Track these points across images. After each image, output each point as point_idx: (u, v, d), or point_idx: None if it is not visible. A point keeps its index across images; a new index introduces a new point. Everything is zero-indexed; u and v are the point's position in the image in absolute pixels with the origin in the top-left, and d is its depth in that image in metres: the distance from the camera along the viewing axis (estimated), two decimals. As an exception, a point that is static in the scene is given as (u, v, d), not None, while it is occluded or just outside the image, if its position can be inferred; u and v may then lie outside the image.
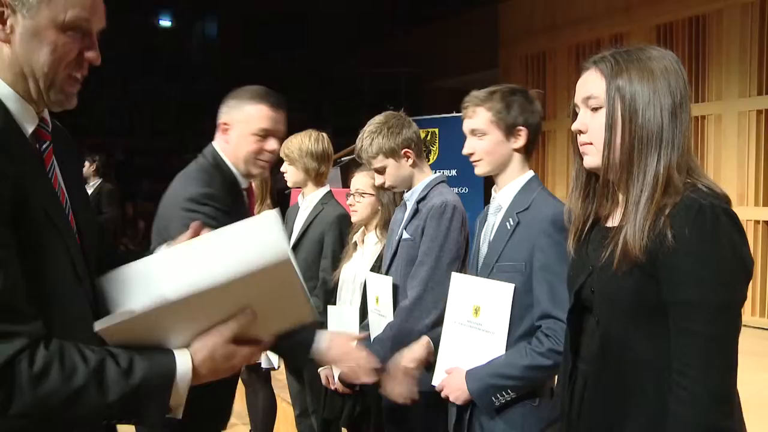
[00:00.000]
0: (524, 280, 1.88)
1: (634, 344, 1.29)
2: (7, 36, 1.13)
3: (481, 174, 2.04)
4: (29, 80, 1.15)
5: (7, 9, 1.12)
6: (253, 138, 2.05)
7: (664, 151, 1.28)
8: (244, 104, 2.06)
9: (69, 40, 1.15)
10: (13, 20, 1.12)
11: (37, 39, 1.13)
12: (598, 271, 1.35)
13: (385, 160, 2.38)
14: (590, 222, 1.44)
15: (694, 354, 1.20)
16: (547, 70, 9.14)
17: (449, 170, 7.29)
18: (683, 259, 1.20)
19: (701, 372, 1.19)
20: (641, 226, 1.25)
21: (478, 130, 2.00)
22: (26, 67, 1.14)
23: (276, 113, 2.07)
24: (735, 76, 6.85)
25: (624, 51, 1.35)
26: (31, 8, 1.12)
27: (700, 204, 1.21)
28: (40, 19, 1.12)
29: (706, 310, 1.20)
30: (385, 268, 2.45)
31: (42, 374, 1.02)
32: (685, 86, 1.32)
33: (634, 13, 7.80)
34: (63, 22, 1.14)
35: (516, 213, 1.94)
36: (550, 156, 8.88)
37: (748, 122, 6.75)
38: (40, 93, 1.16)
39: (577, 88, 1.40)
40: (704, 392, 1.19)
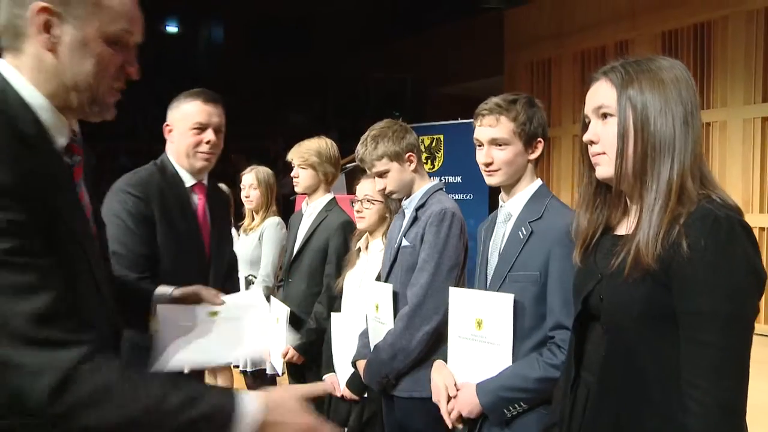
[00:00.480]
0: (538, 290, 1.85)
1: (641, 353, 1.28)
2: (52, 45, 1.12)
3: (495, 184, 1.99)
4: (71, 91, 1.14)
5: (54, 18, 1.11)
6: (190, 132, 2.18)
7: (677, 158, 1.27)
8: (180, 104, 2.22)
9: (113, 52, 1.16)
10: (60, 30, 1.11)
11: (84, 49, 1.13)
12: (608, 279, 1.34)
13: (389, 164, 2.39)
14: (599, 232, 1.43)
15: (705, 365, 1.19)
16: (552, 76, 9.16)
17: (454, 177, 7.29)
18: (698, 268, 1.19)
19: (713, 384, 1.18)
20: (655, 234, 1.24)
21: (500, 139, 1.94)
22: (70, 77, 1.13)
23: (209, 107, 2.20)
24: (740, 83, 6.85)
25: (633, 61, 1.35)
26: (80, 18, 1.12)
27: (715, 215, 1.20)
28: (89, 30, 1.12)
29: (718, 320, 1.18)
30: (385, 276, 2.46)
31: (107, 386, 1.00)
32: (695, 95, 1.32)
33: (639, 20, 7.82)
34: (109, 34, 1.14)
35: (528, 222, 1.91)
36: (555, 162, 8.89)
37: (753, 129, 6.75)
38: (82, 104, 1.16)
39: (587, 98, 1.39)
40: (715, 405, 1.18)
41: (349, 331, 2.68)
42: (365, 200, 2.75)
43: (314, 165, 3.13)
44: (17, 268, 0.97)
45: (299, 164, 3.16)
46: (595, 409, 1.36)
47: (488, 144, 1.96)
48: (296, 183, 3.19)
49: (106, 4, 1.14)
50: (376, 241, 2.80)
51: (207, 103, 2.21)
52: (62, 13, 1.11)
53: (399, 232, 2.44)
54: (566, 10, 8.84)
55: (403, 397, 2.29)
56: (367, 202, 2.74)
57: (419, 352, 2.22)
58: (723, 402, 1.18)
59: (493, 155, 1.95)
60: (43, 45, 1.11)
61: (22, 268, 0.98)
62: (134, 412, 1.01)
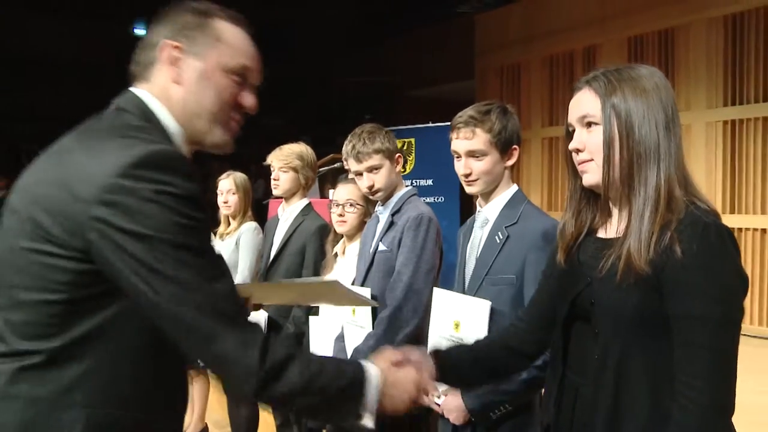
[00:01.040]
0: (515, 292, 1.92)
1: (633, 355, 1.31)
2: (179, 77, 1.26)
3: (475, 192, 2.05)
4: (196, 119, 1.28)
5: (180, 53, 1.25)
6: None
7: (662, 164, 1.31)
8: None
9: (233, 84, 1.29)
10: (185, 63, 1.26)
11: (206, 80, 1.26)
12: (598, 283, 1.36)
13: (383, 160, 2.42)
14: (583, 234, 1.46)
15: (699, 367, 1.22)
16: (521, 80, 9.29)
17: (425, 180, 7.35)
18: (690, 273, 1.23)
19: (707, 384, 1.22)
20: (646, 240, 1.27)
21: (477, 151, 2.00)
22: (194, 105, 1.27)
23: None
24: (703, 87, 7.04)
25: (614, 70, 1.38)
26: (202, 53, 1.26)
27: (704, 221, 1.25)
28: (210, 62, 1.26)
29: (710, 323, 1.22)
30: (360, 280, 2.49)
31: (285, 361, 1.17)
32: (674, 101, 1.36)
33: (607, 26, 7.98)
34: (230, 67, 1.28)
35: (505, 227, 1.98)
36: (525, 165, 9.01)
37: (715, 132, 6.94)
38: (204, 131, 1.29)
39: (571, 108, 1.42)
40: (710, 405, 1.22)
41: (326, 335, 2.70)
42: (347, 204, 2.73)
43: (297, 168, 3.15)
44: (210, 257, 1.15)
45: (281, 167, 3.16)
46: (588, 409, 1.38)
47: (466, 156, 2.02)
48: (276, 186, 3.20)
49: (226, 40, 1.28)
50: (353, 245, 2.80)
51: None
52: (187, 48, 1.26)
53: (372, 236, 2.49)
54: (536, 16, 8.97)
55: None
56: (350, 206, 2.73)
57: None
58: (717, 402, 1.22)
59: (472, 166, 2.01)
60: (171, 77, 1.26)
61: (212, 256, 1.16)
62: (311, 376, 1.18)
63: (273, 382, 1.15)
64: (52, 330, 1.11)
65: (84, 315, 1.12)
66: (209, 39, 1.27)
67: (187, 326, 1.11)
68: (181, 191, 1.11)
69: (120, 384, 1.15)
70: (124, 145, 1.13)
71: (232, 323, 1.13)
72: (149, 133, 1.20)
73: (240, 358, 1.13)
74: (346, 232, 2.79)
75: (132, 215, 1.07)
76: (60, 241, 1.10)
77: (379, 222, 2.51)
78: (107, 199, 1.08)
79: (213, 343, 1.12)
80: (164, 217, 1.09)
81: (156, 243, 1.08)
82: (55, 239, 1.10)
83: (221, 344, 1.12)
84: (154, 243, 1.08)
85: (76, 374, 1.12)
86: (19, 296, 1.13)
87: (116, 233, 1.07)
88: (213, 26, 1.28)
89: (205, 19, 1.28)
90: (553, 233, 1.87)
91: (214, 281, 1.13)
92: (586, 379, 1.39)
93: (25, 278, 1.13)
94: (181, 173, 1.12)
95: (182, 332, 1.12)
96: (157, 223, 1.08)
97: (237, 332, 1.13)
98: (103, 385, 1.14)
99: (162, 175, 1.10)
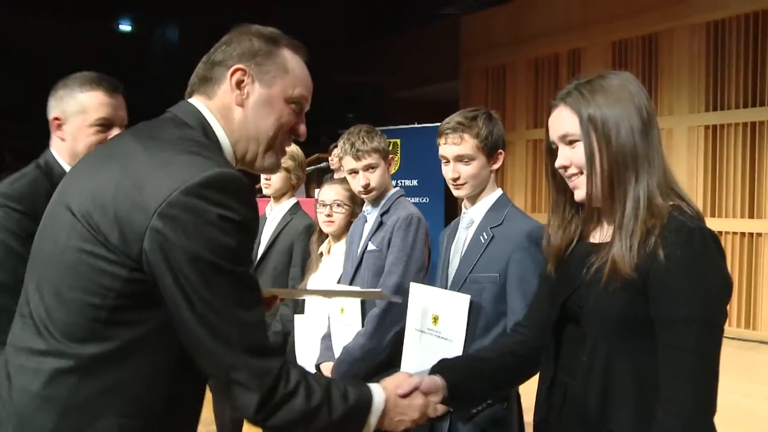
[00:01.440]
0: (497, 291, 1.98)
1: (619, 358, 1.34)
2: (242, 100, 1.30)
3: (463, 196, 2.11)
4: (251, 142, 1.32)
5: (248, 78, 1.29)
6: (91, 130, 1.86)
7: (642, 169, 1.33)
8: (75, 93, 1.86)
9: (291, 111, 1.34)
10: (251, 88, 1.30)
11: (269, 106, 1.31)
12: (586, 287, 1.38)
13: (380, 160, 2.48)
14: (574, 243, 1.49)
15: (683, 369, 1.25)
16: (507, 82, 9.35)
17: (410, 180, 7.39)
18: (674, 277, 1.25)
19: (691, 386, 1.25)
20: (630, 245, 1.30)
21: (465, 156, 2.06)
22: (252, 128, 1.31)
23: (114, 99, 1.89)
24: (685, 92, 7.14)
25: (586, 81, 1.40)
26: (267, 80, 1.31)
27: (689, 226, 1.27)
28: (275, 90, 1.31)
29: (694, 326, 1.24)
30: (348, 280, 2.51)
31: (293, 392, 1.19)
32: (649, 102, 1.38)
33: (591, 30, 8.06)
34: (290, 96, 1.33)
35: (490, 228, 2.04)
36: (509, 167, 9.07)
37: (697, 137, 7.04)
38: (256, 155, 1.33)
39: (550, 125, 1.44)
40: (694, 407, 1.25)
41: (311, 334, 2.72)
42: (335, 204, 2.75)
43: (288, 168, 3.15)
44: (250, 285, 1.18)
45: None
46: (576, 409, 1.40)
47: (454, 160, 2.08)
48: (267, 186, 3.20)
49: (291, 71, 1.33)
50: (338, 245, 2.82)
51: (111, 95, 1.88)
52: (255, 74, 1.30)
53: (360, 236, 2.52)
54: (521, 19, 9.04)
55: None
56: (337, 206, 2.75)
57: (388, 353, 2.30)
58: (700, 404, 1.25)
59: (460, 170, 2.08)
60: (235, 100, 1.30)
61: (251, 285, 1.19)
62: (314, 407, 1.20)
63: (277, 412, 1.17)
64: (93, 335, 1.13)
65: (125, 324, 1.14)
66: (278, 68, 1.32)
67: (208, 350, 1.13)
68: (241, 218, 1.13)
69: (152, 396, 1.17)
70: (195, 163, 1.14)
71: (251, 354, 1.15)
72: (214, 152, 1.23)
73: (252, 388, 1.15)
74: (333, 232, 2.80)
75: (190, 233, 1.09)
76: (114, 246, 1.11)
77: (367, 222, 2.53)
78: (170, 214, 1.09)
79: (231, 370, 1.14)
80: (220, 242, 1.11)
81: (205, 264, 1.10)
82: (110, 244, 1.11)
83: (237, 373, 1.14)
84: (205, 264, 1.10)
85: (113, 382, 1.13)
86: (63, 293, 1.14)
87: (172, 248, 1.09)
88: (281, 56, 1.33)
89: (275, 47, 1.33)
90: (536, 234, 1.94)
91: (246, 310, 1.15)
92: (575, 380, 1.42)
93: (70, 276, 1.14)
94: (245, 199, 1.15)
95: (202, 353, 1.15)
96: (212, 246, 1.10)
97: (255, 362, 1.15)
98: (137, 395, 1.15)
99: (227, 200, 1.12)
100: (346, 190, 2.73)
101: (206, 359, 1.15)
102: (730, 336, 6.47)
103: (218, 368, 1.15)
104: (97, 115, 1.85)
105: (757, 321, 6.57)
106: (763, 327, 6.51)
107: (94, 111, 1.85)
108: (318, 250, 2.90)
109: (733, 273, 6.68)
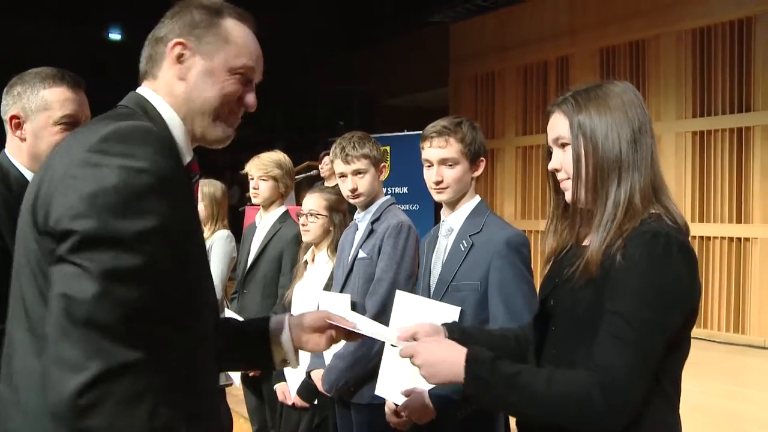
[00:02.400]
0: (479, 298, 1.99)
1: (581, 353, 1.37)
2: (184, 74, 1.28)
3: (444, 200, 2.13)
4: (197, 116, 1.30)
5: (188, 51, 1.28)
6: (55, 129, 1.74)
7: (624, 176, 1.37)
8: (37, 89, 1.74)
9: (235, 81, 1.31)
10: (191, 61, 1.28)
11: (211, 78, 1.29)
12: (561, 285, 1.46)
13: (369, 166, 2.49)
14: (568, 246, 1.53)
15: (614, 356, 1.27)
16: (495, 89, 9.39)
17: (401, 188, 7.42)
18: (628, 275, 1.29)
19: (617, 365, 1.25)
20: (600, 246, 1.35)
21: (450, 159, 2.09)
22: (198, 102, 1.29)
23: (78, 94, 1.78)
24: (672, 98, 7.20)
25: (583, 90, 1.46)
26: (209, 52, 1.28)
27: (655, 230, 1.30)
28: (216, 62, 1.29)
29: (636, 323, 1.27)
30: (339, 287, 2.52)
31: None
32: (643, 113, 1.42)
33: (579, 37, 8.11)
34: (234, 67, 1.30)
35: (469, 236, 2.06)
36: (499, 174, 9.10)
37: (684, 142, 7.10)
38: (204, 128, 1.31)
39: (548, 130, 1.50)
40: (618, 381, 1.25)
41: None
42: (309, 214, 2.79)
43: (276, 177, 3.17)
44: None
45: (260, 176, 3.18)
46: None
47: (438, 164, 2.10)
48: (255, 195, 3.21)
49: (233, 41, 1.30)
50: (321, 253, 2.86)
51: (75, 90, 1.77)
52: (195, 46, 1.28)
53: (351, 244, 2.53)
54: (509, 26, 9.09)
55: (362, 403, 2.36)
56: (312, 216, 2.79)
57: (377, 361, 2.28)
58: (623, 383, 1.25)
59: (444, 174, 2.10)
60: (176, 74, 1.28)
61: None
62: None
63: None
64: None
65: None
66: (218, 39, 1.29)
67: None
68: (148, 165, 1.08)
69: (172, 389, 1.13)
70: (100, 126, 1.13)
71: None
72: (138, 119, 1.20)
73: None
74: (309, 240, 2.84)
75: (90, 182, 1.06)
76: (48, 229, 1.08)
77: (358, 230, 2.54)
78: (71, 173, 1.07)
79: None
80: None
81: None
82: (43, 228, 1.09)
83: None
84: None
85: None
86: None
87: None
88: (222, 26, 1.30)
89: (216, 18, 1.30)
90: (515, 241, 1.99)
91: None
92: None
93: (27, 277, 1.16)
94: (154, 149, 1.11)
95: None
96: None
97: None
98: None
99: (129, 149, 1.08)
100: (325, 200, 2.77)
101: None
102: (719, 340, 6.51)
103: None
104: (63, 112, 1.74)
105: (745, 325, 6.60)
106: (751, 331, 6.55)
107: (58, 108, 1.74)
108: (303, 259, 2.92)
109: (722, 277, 6.73)
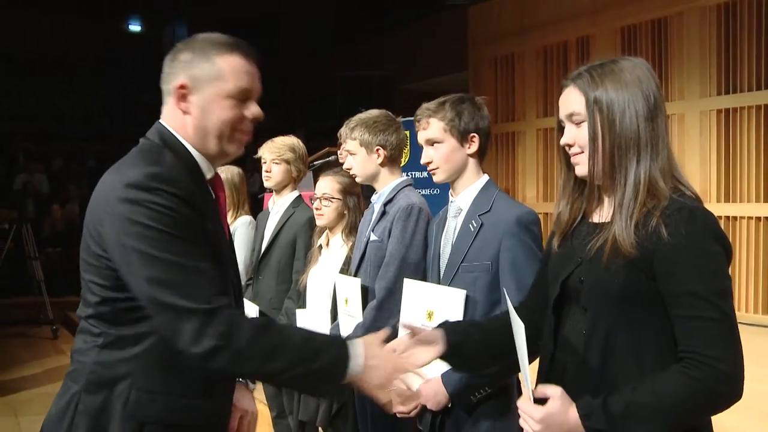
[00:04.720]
0: (490, 278, 1.96)
1: (618, 332, 1.38)
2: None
3: (439, 181, 2.12)
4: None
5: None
6: (228, 102, 1.52)
7: (643, 154, 1.38)
8: (209, 55, 1.51)
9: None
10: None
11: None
12: (587, 263, 1.44)
13: (358, 148, 2.49)
14: (578, 220, 1.54)
15: (711, 337, 1.29)
16: (515, 71, 9.27)
17: (420, 172, 7.34)
18: (684, 254, 1.31)
19: (722, 351, 1.29)
20: (629, 225, 1.36)
21: (432, 139, 2.08)
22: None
23: (253, 67, 1.56)
24: (696, 76, 7.03)
25: (598, 65, 1.45)
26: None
27: (690, 207, 1.34)
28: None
29: (713, 297, 1.30)
30: (354, 270, 2.51)
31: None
32: (658, 89, 1.42)
33: (599, 16, 7.96)
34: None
35: (478, 215, 2.02)
36: (520, 156, 9.01)
37: (709, 121, 6.94)
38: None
39: (560, 105, 1.49)
40: (728, 370, 1.28)
41: (313, 327, 2.71)
42: (323, 198, 2.79)
43: (289, 161, 3.17)
44: None
45: (273, 159, 3.19)
46: (573, 383, 1.43)
47: (425, 145, 2.11)
48: (267, 178, 3.21)
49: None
50: (335, 237, 2.85)
51: (249, 61, 1.55)
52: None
53: (367, 226, 2.50)
54: (529, 7, 8.96)
55: None
56: (325, 200, 2.79)
57: None
58: (733, 367, 1.29)
59: (430, 154, 2.10)
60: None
61: None
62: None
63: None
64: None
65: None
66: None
67: None
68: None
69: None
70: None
71: None
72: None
73: None
74: (323, 224, 2.84)
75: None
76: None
77: (374, 212, 2.51)
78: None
79: None
80: None
81: None
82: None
83: None
84: None
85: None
86: None
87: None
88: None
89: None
90: (526, 219, 1.96)
91: None
92: (574, 356, 1.45)
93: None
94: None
95: None
96: None
97: None
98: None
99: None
100: (338, 183, 2.76)
101: None
102: (748, 322, 6.38)
103: None
104: (236, 84, 1.52)
105: (774, 306, 6.48)
106: (780, 312, 6.42)
107: (233, 79, 1.51)
108: (317, 243, 2.91)
109: (749, 259, 6.60)
